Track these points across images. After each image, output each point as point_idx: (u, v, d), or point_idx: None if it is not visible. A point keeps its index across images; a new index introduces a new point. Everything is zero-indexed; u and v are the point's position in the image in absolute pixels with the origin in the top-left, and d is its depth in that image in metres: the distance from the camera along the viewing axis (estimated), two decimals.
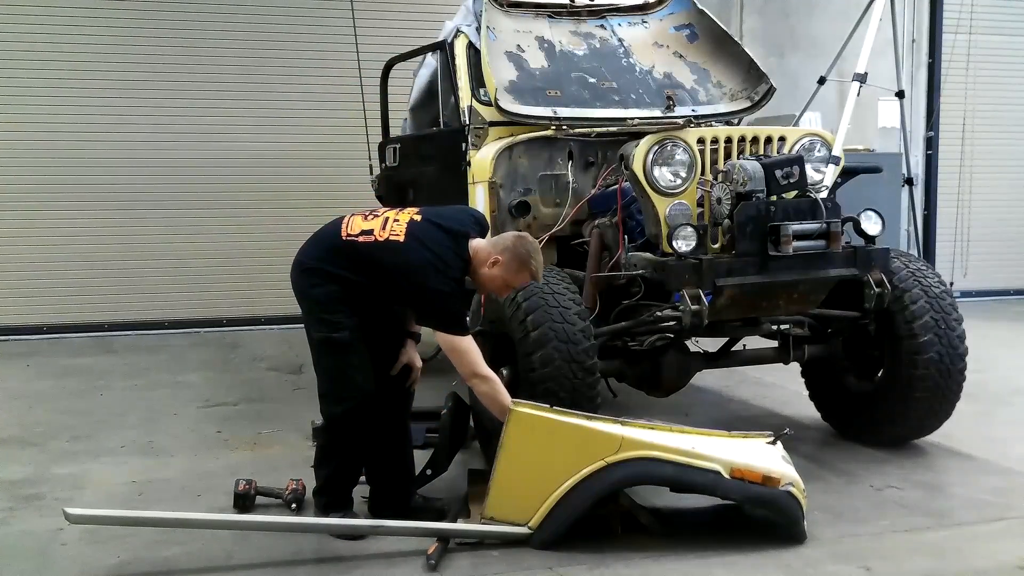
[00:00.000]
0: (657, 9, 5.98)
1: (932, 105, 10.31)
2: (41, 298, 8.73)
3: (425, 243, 3.61)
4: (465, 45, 5.54)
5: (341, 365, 3.72)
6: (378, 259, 3.64)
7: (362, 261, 3.66)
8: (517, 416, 3.60)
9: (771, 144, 4.61)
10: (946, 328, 4.56)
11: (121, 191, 8.82)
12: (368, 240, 3.67)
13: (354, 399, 3.70)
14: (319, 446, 4.03)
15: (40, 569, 3.50)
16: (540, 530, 3.56)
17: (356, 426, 3.75)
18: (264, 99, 9.02)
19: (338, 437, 3.82)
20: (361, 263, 3.66)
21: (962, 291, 9.95)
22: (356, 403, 3.70)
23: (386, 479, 3.95)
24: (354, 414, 3.72)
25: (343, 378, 3.72)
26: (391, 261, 3.61)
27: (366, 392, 3.71)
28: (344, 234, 3.72)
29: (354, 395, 3.70)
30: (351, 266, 3.68)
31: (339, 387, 3.74)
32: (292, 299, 3.83)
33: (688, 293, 4.05)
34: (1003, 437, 5.14)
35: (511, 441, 3.61)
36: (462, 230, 3.73)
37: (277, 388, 6.55)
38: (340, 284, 3.69)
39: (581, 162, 5.05)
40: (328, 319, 3.69)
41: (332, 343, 3.69)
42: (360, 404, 3.71)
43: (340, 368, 3.72)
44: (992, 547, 3.64)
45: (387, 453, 3.94)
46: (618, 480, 3.57)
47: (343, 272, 3.68)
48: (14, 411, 5.92)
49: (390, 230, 3.66)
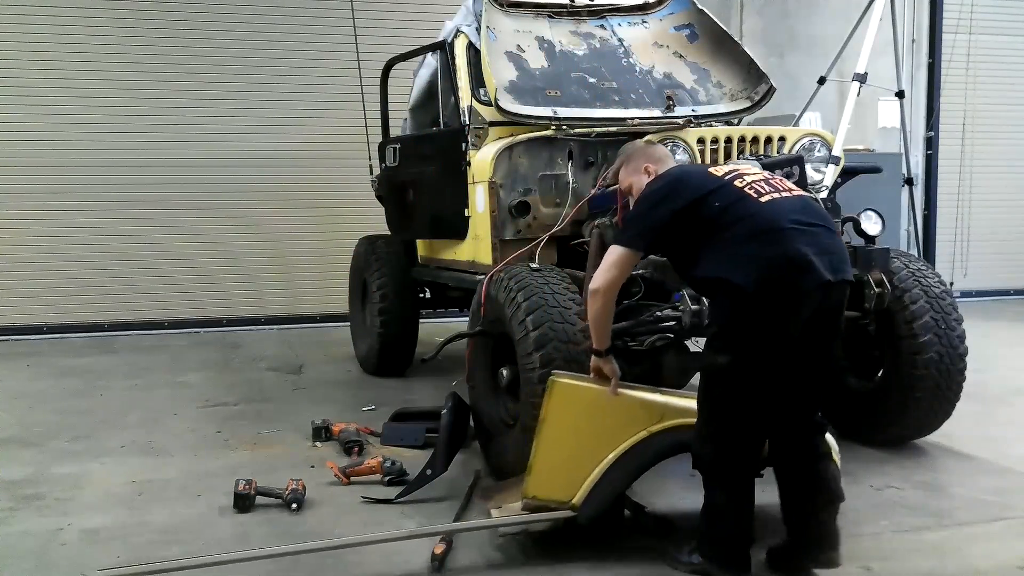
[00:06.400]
0: (657, 9, 5.98)
1: (932, 105, 10.31)
2: (41, 298, 8.73)
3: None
4: (465, 45, 5.54)
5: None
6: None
7: None
8: (559, 387, 3.51)
9: (771, 144, 4.61)
10: (946, 328, 4.56)
11: (121, 191, 8.83)
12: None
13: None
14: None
15: (40, 569, 3.50)
16: (585, 506, 3.42)
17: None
18: (264, 99, 9.02)
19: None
20: None
21: (962, 291, 9.95)
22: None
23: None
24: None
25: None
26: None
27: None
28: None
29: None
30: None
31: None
32: (292, 299, 3.83)
33: (688, 293, 4.05)
34: (1003, 437, 5.14)
35: (553, 414, 3.50)
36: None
37: (277, 388, 6.55)
38: None
39: (581, 162, 5.04)
40: None
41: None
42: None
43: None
44: (992, 547, 3.64)
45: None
46: (663, 449, 3.47)
47: None
48: (14, 411, 5.92)
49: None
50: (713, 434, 3.24)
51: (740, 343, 3.17)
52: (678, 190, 3.33)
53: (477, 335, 4.52)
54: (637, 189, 3.63)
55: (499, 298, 4.23)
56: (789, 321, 3.15)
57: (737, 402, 3.20)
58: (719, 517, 3.28)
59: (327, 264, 8.91)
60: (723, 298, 3.22)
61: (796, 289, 3.11)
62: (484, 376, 4.52)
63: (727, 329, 3.22)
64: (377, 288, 6.58)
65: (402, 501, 4.07)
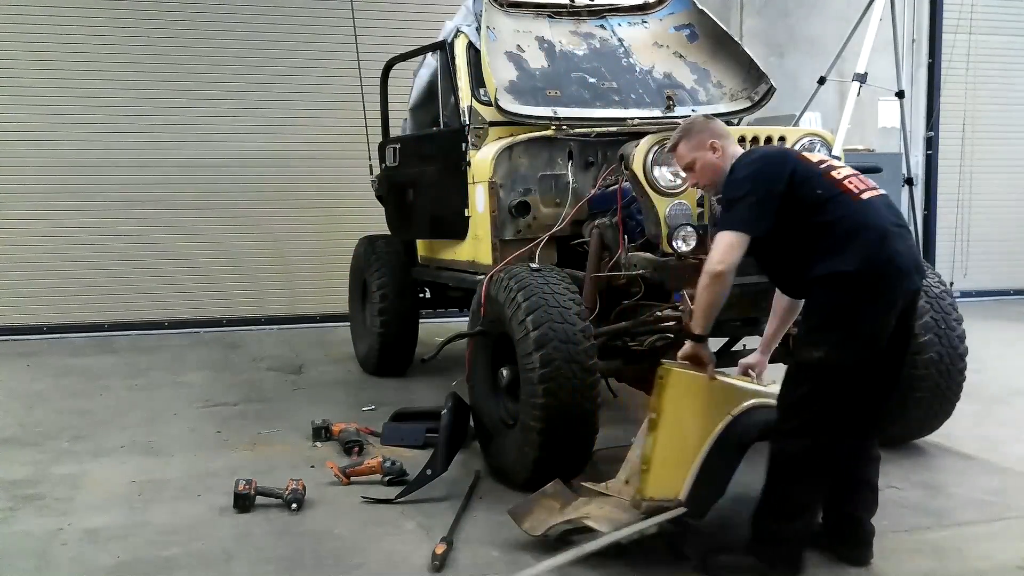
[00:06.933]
0: (657, 9, 5.98)
1: (932, 105, 10.31)
2: (41, 298, 8.72)
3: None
4: (465, 45, 5.54)
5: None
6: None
7: None
8: (676, 377, 3.41)
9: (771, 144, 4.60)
10: (946, 328, 4.56)
11: (121, 191, 8.82)
12: None
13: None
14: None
15: (40, 569, 3.49)
16: (691, 501, 3.33)
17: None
18: (264, 99, 9.02)
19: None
20: None
21: (962, 291, 9.95)
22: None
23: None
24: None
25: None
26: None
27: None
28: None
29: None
30: None
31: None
32: (292, 299, 3.83)
33: (688, 293, 4.05)
34: (1003, 437, 5.14)
35: (668, 406, 3.39)
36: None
37: (277, 388, 6.54)
38: None
39: (581, 162, 5.05)
40: None
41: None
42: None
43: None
44: (992, 547, 3.64)
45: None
46: (746, 434, 3.42)
47: None
48: (14, 411, 5.92)
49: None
50: (802, 428, 3.21)
51: (839, 336, 3.18)
52: (781, 171, 3.28)
53: (477, 335, 4.52)
54: (702, 166, 3.52)
55: (499, 298, 4.23)
56: (887, 317, 3.21)
57: (830, 397, 3.21)
58: (792, 515, 3.28)
59: (327, 264, 8.90)
60: (827, 290, 3.21)
61: (895, 289, 3.19)
62: (484, 376, 4.52)
63: (828, 321, 3.21)
64: (377, 288, 6.57)
65: (402, 501, 4.08)
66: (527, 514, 3.60)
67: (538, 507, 3.64)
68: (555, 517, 3.56)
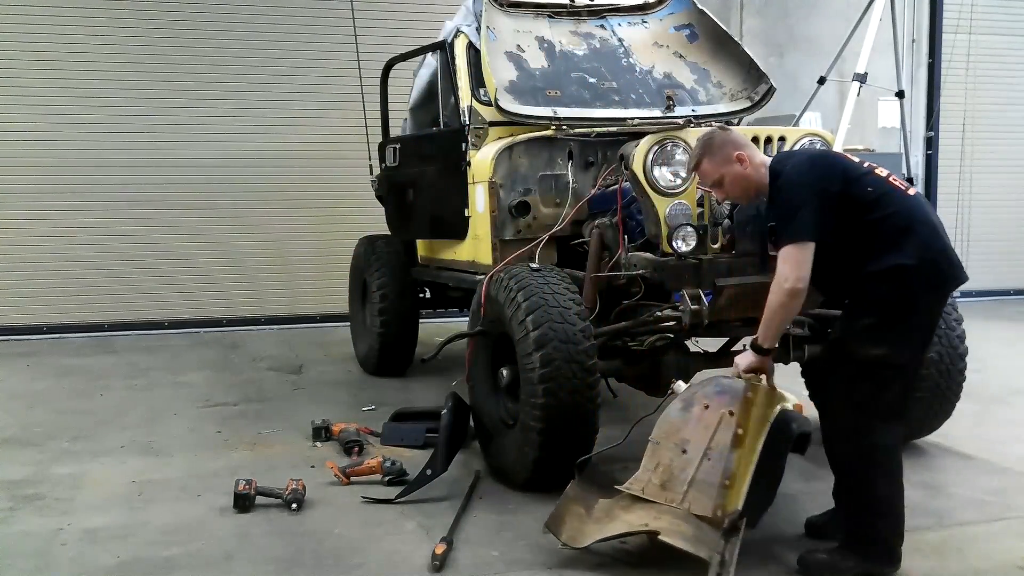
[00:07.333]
0: (657, 9, 5.98)
1: (932, 105, 10.32)
2: (41, 298, 8.73)
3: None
4: (465, 45, 5.54)
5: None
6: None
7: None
8: (762, 394, 3.41)
9: (771, 144, 4.60)
10: (946, 328, 4.56)
11: (121, 191, 8.82)
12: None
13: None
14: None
15: (40, 569, 3.49)
16: (747, 510, 3.32)
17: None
18: (264, 99, 9.02)
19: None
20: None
21: (962, 291, 9.92)
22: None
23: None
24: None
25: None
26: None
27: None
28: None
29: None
30: None
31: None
32: (292, 299, 3.82)
33: (688, 293, 4.05)
34: (1003, 437, 5.15)
35: (755, 422, 3.37)
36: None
37: (277, 388, 6.54)
38: None
39: (581, 162, 5.05)
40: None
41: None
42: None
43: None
44: (992, 547, 3.64)
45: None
46: (779, 433, 3.40)
47: None
48: (14, 411, 5.92)
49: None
50: (870, 425, 3.25)
51: (901, 330, 3.23)
52: (833, 172, 3.30)
53: (477, 335, 4.52)
54: (732, 180, 3.46)
55: (499, 298, 4.23)
56: (939, 308, 3.34)
57: (894, 391, 3.27)
58: (882, 510, 3.31)
59: (327, 264, 8.91)
60: (886, 285, 3.23)
61: (949, 281, 3.30)
62: (484, 376, 4.52)
63: (889, 317, 3.23)
64: (377, 288, 6.58)
65: (402, 501, 4.08)
66: (561, 524, 3.49)
67: (568, 514, 3.54)
68: (589, 525, 3.49)
